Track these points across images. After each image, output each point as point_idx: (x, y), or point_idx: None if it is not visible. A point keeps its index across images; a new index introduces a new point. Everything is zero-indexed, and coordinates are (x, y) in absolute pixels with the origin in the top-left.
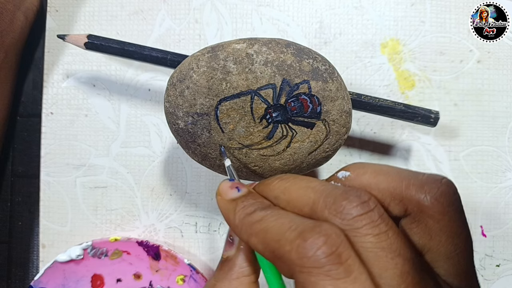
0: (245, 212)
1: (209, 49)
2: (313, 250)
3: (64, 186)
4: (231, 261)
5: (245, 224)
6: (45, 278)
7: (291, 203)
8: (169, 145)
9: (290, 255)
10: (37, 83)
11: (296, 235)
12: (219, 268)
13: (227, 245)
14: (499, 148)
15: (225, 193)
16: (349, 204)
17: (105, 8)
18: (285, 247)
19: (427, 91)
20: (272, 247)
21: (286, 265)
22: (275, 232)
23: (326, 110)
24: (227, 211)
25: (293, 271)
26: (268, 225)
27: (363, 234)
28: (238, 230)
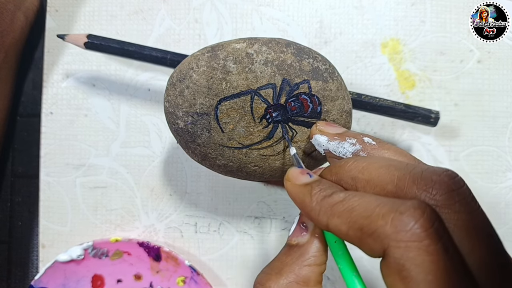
0: (323, 194)
1: (209, 49)
2: (411, 223)
3: (64, 186)
4: (303, 248)
5: (324, 206)
6: (45, 278)
7: (372, 181)
8: (169, 145)
9: (385, 229)
10: (37, 83)
11: (390, 210)
12: (286, 252)
13: (297, 230)
14: (499, 148)
15: (296, 178)
16: (440, 180)
17: (105, 8)
18: (377, 222)
19: (427, 91)
20: (360, 224)
21: (379, 241)
22: (363, 209)
23: (326, 110)
24: (302, 195)
25: (387, 246)
26: (353, 203)
27: (455, 211)
28: (316, 213)
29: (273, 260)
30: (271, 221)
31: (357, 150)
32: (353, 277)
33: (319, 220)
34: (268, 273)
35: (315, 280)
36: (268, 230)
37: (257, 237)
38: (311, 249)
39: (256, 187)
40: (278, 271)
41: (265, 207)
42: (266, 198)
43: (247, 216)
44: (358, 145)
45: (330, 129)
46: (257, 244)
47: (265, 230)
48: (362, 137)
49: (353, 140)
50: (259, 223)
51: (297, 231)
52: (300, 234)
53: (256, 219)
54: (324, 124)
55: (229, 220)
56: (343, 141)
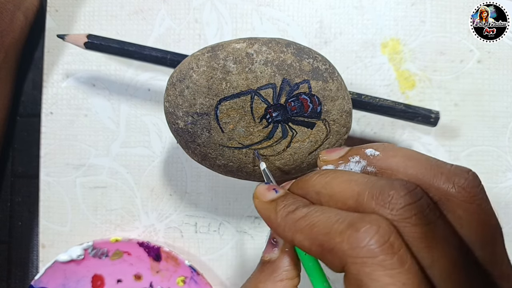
0: (287, 210)
1: (209, 49)
2: (366, 240)
3: (64, 186)
4: (275, 263)
5: (289, 222)
6: (45, 278)
7: (334, 197)
8: (169, 145)
9: (342, 246)
10: (37, 83)
11: (347, 226)
12: (260, 269)
13: (268, 247)
14: (499, 148)
15: (263, 195)
16: (396, 194)
17: (105, 8)
18: (335, 238)
19: (427, 91)
20: (321, 240)
21: (337, 257)
22: (323, 226)
23: (326, 110)
24: (268, 212)
25: (345, 263)
26: (314, 220)
27: (412, 224)
28: (281, 229)
29: (249, 278)
30: None
31: (364, 167)
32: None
33: (285, 235)
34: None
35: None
36: (268, 230)
37: (257, 237)
38: (282, 264)
39: None
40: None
41: None
42: None
43: (247, 216)
44: (363, 161)
45: (332, 155)
46: (257, 244)
47: (265, 230)
48: (364, 151)
49: (356, 158)
50: (259, 223)
51: (269, 247)
52: (272, 250)
53: (256, 219)
54: (325, 153)
55: (229, 220)
56: (348, 162)
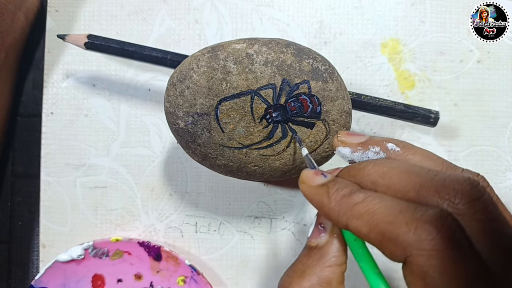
0: (341, 194)
1: (209, 49)
2: (434, 233)
3: (64, 186)
4: (323, 249)
5: (344, 206)
6: (45, 277)
7: (393, 187)
8: (169, 145)
9: (407, 237)
10: (37, 83)
11: (413, 217)
12: (307, 255)
13: (315, 232)
14: (499, 148)
15: (311, 179)
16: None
17: (105, 8)
18: (400, 228)
19: (427, 91)
20: (382, 229)
21: (400, 247)
22: (385, 214)
23: (326, 110)
24: (319, 196)
25: (409, 254)
26: (374, 206)
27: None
28: (335, 214)
29: (294, 262)
30: (271, 221)
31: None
32: (375, 275)
33: (339, 220)
34: (290, 276)
35: (337, 280)
36: (268, 230)
37: (257, 237)
38: (331, 250)
39: (256, 187)
40: (300, 273)
41: (265, 207)
42: (266, 198)
43: (247, 216)
44: (382, 153)
45: (352, 138)
46: (257, 244)
47: (265, 230)
48: (385, 144)
49: (376, 148)
50: (259, 223)
51: (316, 233)
52: (319, 236)
53: (256, 219)
54: (345, 135)
55: (229, 220)
56: (367, 150)
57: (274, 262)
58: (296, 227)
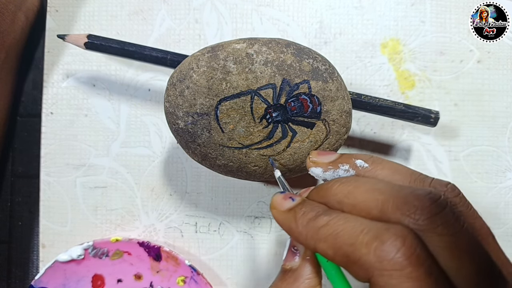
0: (307, 218)
1: (209, 49)
2: (393, 253)
3: (64, 186)
4: (296, 272)
5: (310, 230)
6: (45, 277)
7: (357, 206)
8: (169, 145)
9: (368, 258)
10: (37, 83)
11: (373, 238)
12: (281, 278)
13: (289, 255)
14: (499, 148)
15: (280, 204)
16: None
17: (105, 8)
18: (361, 250)
19: (427, 91)
20: (345, 251)
21: (363, 269)
22: (347, 236)
23: (326, 110)
24: (287, 221)
25: (371, 275)
26: (337, 229)
27: (438, 234)
28: (303, 238)
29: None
30: (271, 221)
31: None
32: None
33: (307, 244)
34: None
35: None
36: (268, 230)
37: (257, 237)
38: (304, 272)
39: (256, 187)
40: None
41: (265, 207)
42: (266, 198)
43: (247, 216)
44: (352, 170)
45: (322, 158)
46: (257, 244)
47: (265, 230)
48: (354, 161)
49: (346, 166)
50: (259, 223)
51: (289, 256)
52: (292, 259)
53: (256, 219)
54: (316, 155)
55: (229, 220)
56: (337, 169)
57: (274, 262)
58: None
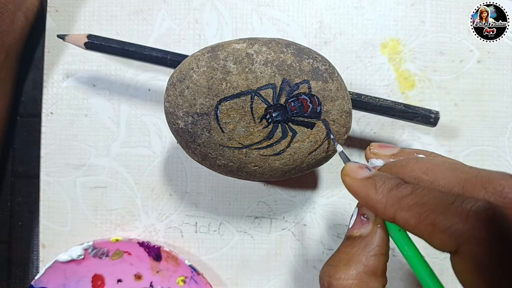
0: (388, 186)
1: (209, 49)
2: (486, 222)
3: (64, 186)
4: (367, 238)
5: (391, 198)
6: (45, 277)
7: (437, 183)
8: (169, 145)
9: (460, 227)
10: (37, 83)
11: (464, 208)
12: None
13: (358, 222)
14: (499, 148)
15: (356, 172)
16: (508, 184)
17: (105, 8)
18: (452, 219)
19: (427, 91)
20: (433, 220)
21: (452, 237)
22: (435, 205)
23: (326, 110)
24: (365, 188)
25: (463, 243)
26: (423, 198)
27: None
28: (382, 206)
29: (336, 252)
30: (271, 221)
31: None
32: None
33: (386, 212)
34: (335, 265)
35: (382, 269)
36: (268, 230)
37: (257, 237)
38: (375, 239)
39: (256, 187)
40: (346, 262)
41: (265, 207)
42: (266, 198)
43: (247, 216)
44: None
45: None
46: (257, 244)
47: (265, 230)
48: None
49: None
50: (259, 223)
51: (358, 223)
52: (362, 226)
53: (256, 219)
54: (377, 147)
55: (229, 220)
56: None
57: (274, 262)
58: (296, 227)
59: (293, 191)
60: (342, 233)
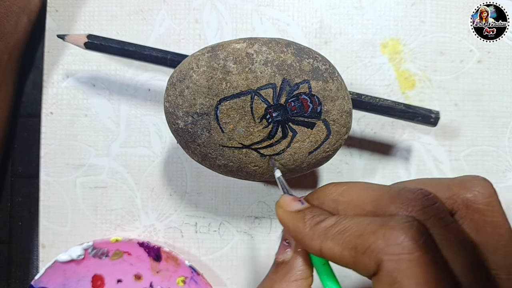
0: (316, 220)
1: (209, 49)
2: (402, 237)
3: (64, 186)
4: (288, 264)
5: (318, 230)
6: (45, 277)
7: (352, 202)
8: (169, 145)
9: (377, 244)
10: (37, 83)
11: (380, 226)
12: (274, 271)
13: (281, 248)
14: (499, 148)
15: (288, 205)
16: (414, 197)
17: (105, 8)
18: (369, 238)
19: (427, 91)
20: (354, 243)
21: (372, 257)
22: (355, 229)
23: (326, 110)
24: (295, 221)
25: (380, 261)
26: (345, 226)
27: (430, 225)
28: (309, 238)
29: (263, 279)
30: (271, 221)
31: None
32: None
33: (313, 245)
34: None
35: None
36: (268, 230)
37: (257, 237)
38: (296, 264)
39: (256, 187)
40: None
41: (265, 207)
42: (266, 198)
43: (247, 216)
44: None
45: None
46: (257, 244)
47: (265, 230)
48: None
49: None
50: (259, 223)
51: (282, 249)
52: (285, 251)
53: (256, 219)
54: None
55: (229, 220)
56: None
57: None
58: None
59: (293, 191)
60: None
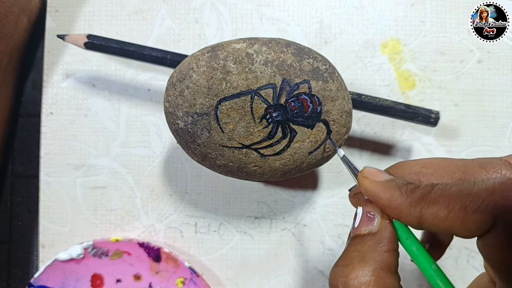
0: (411, 188)
1: (209, 49)
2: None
3: (64, 186)
4: (377, 235)
5: (416, 197)
6: (45, 276)
7: (437, 173)
8: (169, 145)
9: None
10: (37, 83)
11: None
12: (358, 243)
13: (365, 220)
14: (499, 148)
15: (376, 175)
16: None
17: (105, 8)
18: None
19: (427, 91)
20: (462, 203)
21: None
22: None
23: (326, 110)
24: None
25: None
26: (446, 189)
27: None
28: (407, 206)
29: (345, 253)
30: (271, 221)
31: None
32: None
33: (411, 212)
34: (348, 265)
35: (396, 265)
36: (268, 230)
37: (257, 237)
38: (385, 234)
39: (256, 187)
40: (359, 260)
41: (265, 207)
42: (266, 198)
43: (247, 216)
44: None
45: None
46: (257, 244)
47: (265, 230)
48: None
49: None
50: (259, 223)
51: (366, 221)
52: (370, 223)
53: (256, 219)
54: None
55: (229, 220)
56: None
57: (274, 263)
58: (296, 228)
59: (293, 191)
60: (342, 233)
